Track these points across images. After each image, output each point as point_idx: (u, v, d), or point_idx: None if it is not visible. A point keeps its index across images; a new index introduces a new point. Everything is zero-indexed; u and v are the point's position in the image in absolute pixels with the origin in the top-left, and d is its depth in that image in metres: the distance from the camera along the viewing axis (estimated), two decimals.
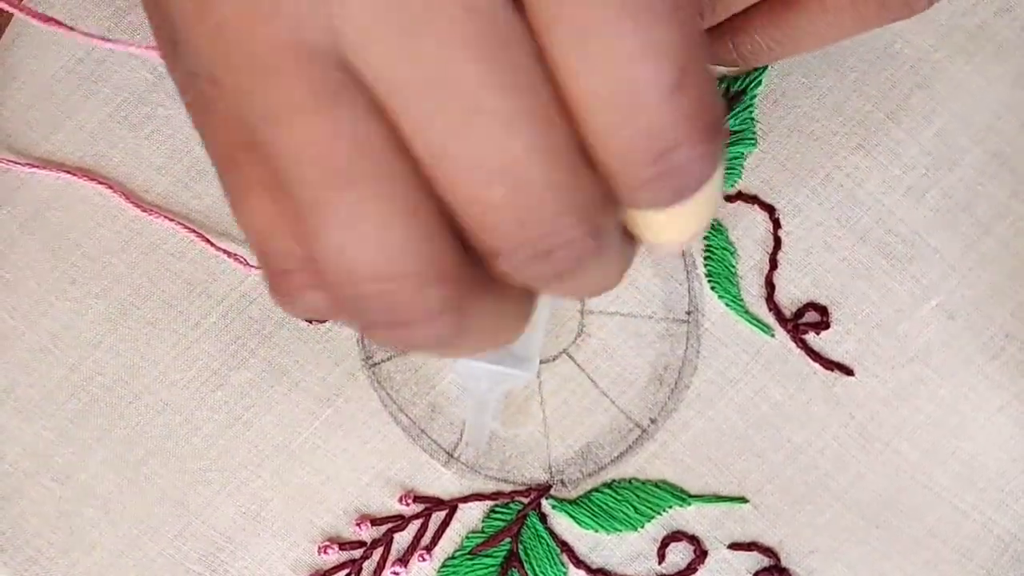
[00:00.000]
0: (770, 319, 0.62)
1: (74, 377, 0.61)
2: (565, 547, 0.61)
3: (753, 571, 0.61)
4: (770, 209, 0.62)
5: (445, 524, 0.61)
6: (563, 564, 0.61)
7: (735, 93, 0.62)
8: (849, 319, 0.62)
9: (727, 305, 0.62)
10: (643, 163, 0.33)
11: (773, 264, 0.62)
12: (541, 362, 0.58)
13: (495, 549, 0.61)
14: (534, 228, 0.33)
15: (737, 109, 0.62)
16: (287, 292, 0.37)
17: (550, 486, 0.61)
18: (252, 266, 0.61)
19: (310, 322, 0.62)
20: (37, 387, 0.61)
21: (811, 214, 0.62)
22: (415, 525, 0.61)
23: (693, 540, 0.61)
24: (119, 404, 0.61)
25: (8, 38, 0.63)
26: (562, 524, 0.61)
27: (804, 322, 0.62)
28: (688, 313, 0.62)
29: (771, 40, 0.54)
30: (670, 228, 0.37)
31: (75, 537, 0.61)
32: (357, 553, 0.61)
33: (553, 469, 0.61)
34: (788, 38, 0.54)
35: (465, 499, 0.61)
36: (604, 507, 0.61)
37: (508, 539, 0.61)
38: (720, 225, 0.62)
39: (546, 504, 0.61)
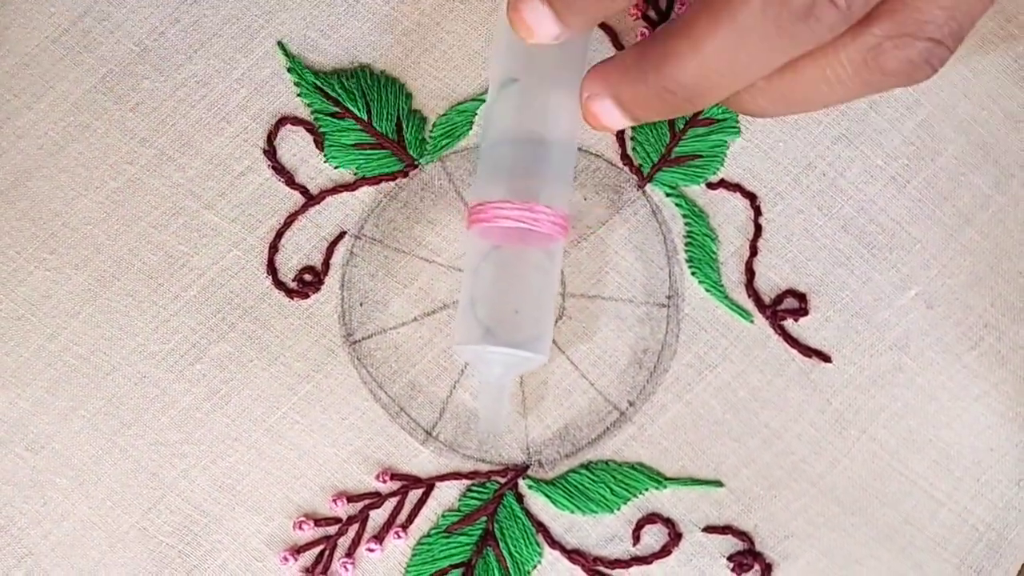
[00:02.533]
0: (749, 305, 0.62)
1: (51, 347, 0.61)
2: (541, 527, 0.61)
3: (727, 554, 0.61)
4: (752, 196, 0.62)
5: (421, 502, 0.61)
6: (539, 544, 0.61)
7: None
8: (828, 306, 0.62)
9: (707, 290, 0.62)
10: None
11: (753, 251, 0.62)
12: (512, 329, 0.58)
13: (471, 528, 0.61)
14: None
15: None
16: None
17: (527, 466, 0.61)
18: None
19: (291, 297, 0.61)
20: (13, 356, 0.61)
21: (792, 202, 0.62)
22: (391, 503, 0.61)
23: (668, 523, 0.61)
24: (96, 375, 0.61)
25: None
26: (538, 504, 0.61)
27: (783, 308, 0.62)
28: (668, 298, 0.62)
29: (769, 103, 0.54)
30: None
31: (47, 507, 0.60)
32: (332, 529, 0.61)
33: (531, 449, 0.61)
34: (788, 102, 0.54)
35: (442, 477, 0.61)
36: (581, 488, 0.61)
37: (484, 518, 0.61)
38: (702, 211, 0.62)
39: (523, 484, 0.61)
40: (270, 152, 0.62)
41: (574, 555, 0.61)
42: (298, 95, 0.62)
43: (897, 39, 0.51)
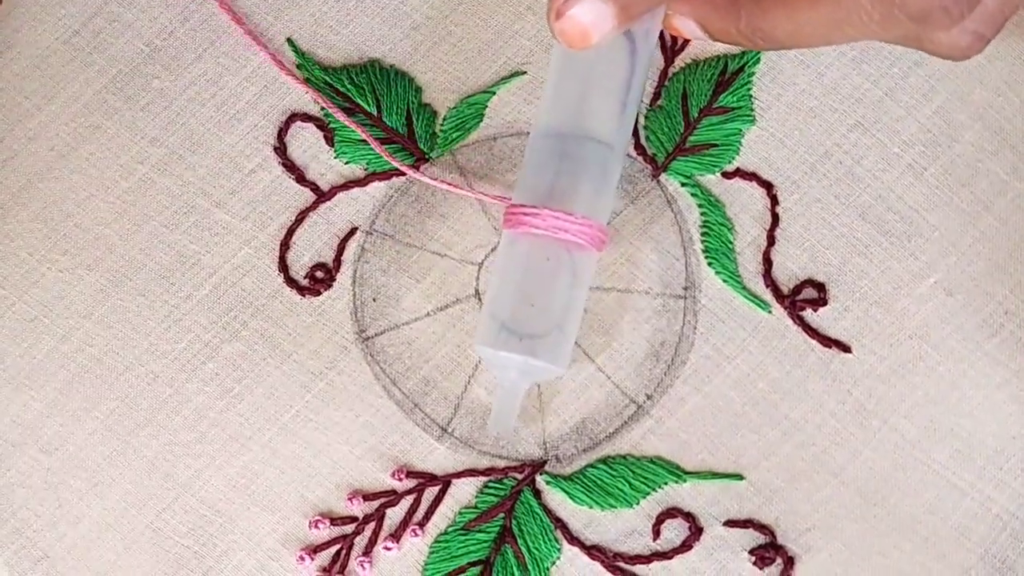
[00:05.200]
0: (767, 295, 0.61)
1: (64, 348, 0.61)
2: (559, 523, 0.60)
3: (749, 548, 0.60)
4: (768, 185, 0.62)
5: (438, 500, 0.60)
6: (557, 540, 0.60)
7: (734, 71, 0.62)
8: (847, 296, 0.61)
9: (724, 281, 0.61)
10: None
11: (771, 240, 0.61)
12: (536, 337, 0.57)
13: (488, 525, 0.60)
14: None
15: (735, 86, 0.62)
16: None
17: (545, 462, 0.61)
18: None
19: (303, 294, 0.61)
20: (26, 357, 0.61)
21: (809, 191, 0.62)
22: (408, 500, 0.60)
23: (688, 517, 0.60)
24: (109, 375, 0.61)
25: (4, 9, 0.62)
26: (556, 500, 0.60)
27: (802, 298, 0.61)
28: (685, 289, 0.61)
29: (783, 28, 0.54)
30: None
31: (62, 509, 0.60)
32: (349, 528, 0.60)
33: (548, 445, 0.61)
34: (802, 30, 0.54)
35: (458, 474, 0.60)
36: (599, 483, 0.60)
37: (502, 515, 0.60)
38: (718, 201, 0.62)
39: (540, 480, 0.60)
40: (280, 149, 0.62)
41: (593, 551, 0.60)
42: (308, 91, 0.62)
43: None
